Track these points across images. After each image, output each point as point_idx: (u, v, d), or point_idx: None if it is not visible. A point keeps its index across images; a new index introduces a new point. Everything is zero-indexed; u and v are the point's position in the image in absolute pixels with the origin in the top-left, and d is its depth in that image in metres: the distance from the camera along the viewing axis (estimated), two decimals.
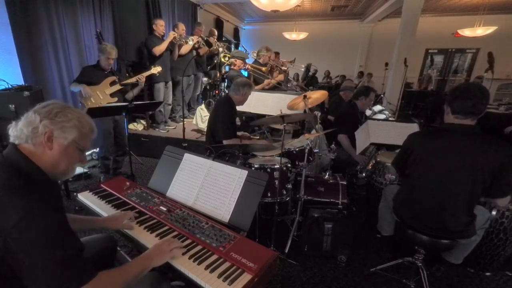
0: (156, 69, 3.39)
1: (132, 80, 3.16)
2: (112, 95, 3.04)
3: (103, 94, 2.98)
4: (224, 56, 4.40)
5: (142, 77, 3.18)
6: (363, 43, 10.07)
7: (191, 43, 4.29)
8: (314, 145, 2.69)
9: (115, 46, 3.01)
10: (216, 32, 5.32)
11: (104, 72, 3.02)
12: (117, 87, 3.06)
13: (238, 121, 3.78)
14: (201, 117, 4.30)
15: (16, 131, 0.88)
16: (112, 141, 3.17)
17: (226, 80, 4.69)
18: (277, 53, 5.26)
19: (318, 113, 2.72)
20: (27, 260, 0.74)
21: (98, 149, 3.22)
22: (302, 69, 7.08)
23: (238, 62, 3.95)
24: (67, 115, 0.91)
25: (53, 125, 0.88)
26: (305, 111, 2.75)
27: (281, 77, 4.46)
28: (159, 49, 3.90)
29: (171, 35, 4.00)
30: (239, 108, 2.73)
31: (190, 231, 1.19)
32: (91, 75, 2.95)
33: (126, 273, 0.92)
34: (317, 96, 2.74)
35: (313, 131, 3.01)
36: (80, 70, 3.04)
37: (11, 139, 0.89)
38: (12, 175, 0.82)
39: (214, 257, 1.05)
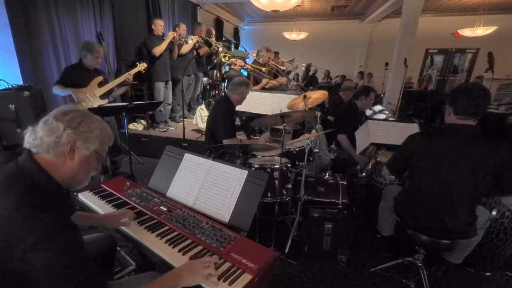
0: (142, 66, 3.28)
1: (121, 79, 3.04)
2: (102, 96, 2.90)
3: (93, 97, 2.83)
4: (224, 56, 4.40)
5: (130, 76, 3.08)
6: (363, 43, 10.07)
7: (191, 42, 4.29)
8: (314, 145, 2.69)
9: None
10: (214, 32, 5.31)
11: (90, 72, 2.83)
12: (106, 88, 2.91)
13: (238, 121, 3.79)
14: (201, 117, 4.30)
15: (36, 140, 0.83)
16: None
17: (226, 80, 4.69)
18: (276, 53, 5.25)
19: (318, 113, 2.72)
20: (41, 282, 0.72)
21: None
22: (302, 68, 7.07)
23: (239, 61, 3.96)
24: (90, 125, 0.89)
25: (77, 135, 0.85)
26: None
27: (284, 79, 4.46)
28: (158, 49, 3.90)
29: (170, 35, 4.00)
30: (239, 107, 2.73)
31: (190, 231, 1.19)
32: (76, 76, 2.75)
33: None
34: (317, 96, 2.75)
35: (313, 131, 3.01)
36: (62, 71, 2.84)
37: (27, 146, 0.84)
38: (29, 191, 0.77)
39: (215, 257, 1.05)
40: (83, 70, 2.81)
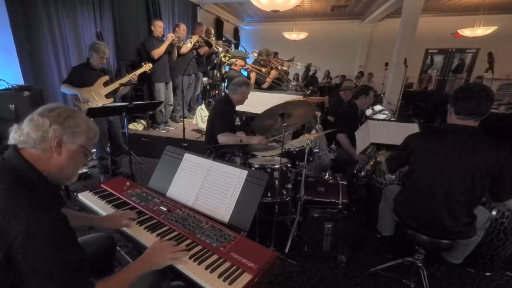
0: (147, 66, 3.31)
1: (126, 79, 3.09)
2: (107, 95, 2.95)
3: (98, 96, 2.88)
4: (225, 56, 4.40)
5: (135, 76, 3.12)
6: (363, 43, 10.07)
7: (189, 45, 4.30)
8: (314, 145, 2.69)
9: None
10: (212, 31, 5.31)
11: (96, 72, 2.90)
12: (111, 87, 2.95)
13: (238, 121, 3.79)
14: (201, 117, 4.30)
15: (22, 136, 0.84)
16: (107, 142, 3.15)
17: (226, 80, 4.69)
18: (275, 53, 5.23)
19: (318, 113, 2.72)
20: (27, 271, 0.73)
21: (94, 150, 3.21)
22: (300, 68, 7.05)
23: (239, 62, 3.96)
24: (76, 120, 0.90)
25: (63, 130, 0.87)
26: None
27: (273, 72, 4.41)
28: (158, 52, 3.89)
29: (170, 37, 3.99)
30: (239, 107, 2.73)
31: (190, 231, 1.19)
32: (83, 75, 2.83)
33: (125, 280, 0.91)
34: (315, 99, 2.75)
35: (313, 131, 3.01)
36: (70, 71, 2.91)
37: (13, 142, 0.86)
38: (16, 182, 0.79)
39: (214, 257, 1.05)
40: (90, 70, 2.88)
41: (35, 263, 0.73)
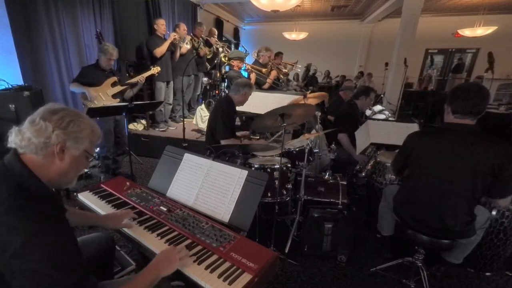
0: (155, 69, 3.39)
1: (133, 81, 3.16)
2: (114, 96, 3.02)
3: (105, 96, 2.96)
4: (225, 56, 4.40)
5: (142, 78, 3.19)
6: (363, 43, 10.08)
7: (188, 46, 4.31)
8: (314, 145, 2.69)
9: (115, 46, 3.00)
10: (216, 32, 5.31)
11: (105, 73, 2.99)
12: (119, 88, 3.03)
13: (238, 121, 3.79)
14: (201, 117, 4.30)
15: (23, 141, 0.80)
16: (113, 141, 3.18)
17: (226, 80, 4.69)
18: (280, 53, 5.20)
19: (318, 113, 2.72)
20: (28, 285, 0.71)
21: (98, 148, 3.23)
22: (299, 69, 7.06)
23: (236, 63, 3.96)
24: (80, 125, 0.87)
25: (66, 136, 0.83)
26: None
27: (274, 73, 4.42)
28: (160, 50, 3.91)
29: (172, 36, 4.00)
30: (239, 108, 2.74)
31: (190, 231, 1.19)
32: (92, 75, 2.91)
33: None
34: (316, 95, 2.75)
35: (313, 131, 3.01)
36: (79, 70, 2.99)
37: (13, 146, 0.82)
38: (15, 192, 0.76)
39: (214, 257, 1.05)
40: (98, 70, 2.97)
41: (35, 278, 0.71)
